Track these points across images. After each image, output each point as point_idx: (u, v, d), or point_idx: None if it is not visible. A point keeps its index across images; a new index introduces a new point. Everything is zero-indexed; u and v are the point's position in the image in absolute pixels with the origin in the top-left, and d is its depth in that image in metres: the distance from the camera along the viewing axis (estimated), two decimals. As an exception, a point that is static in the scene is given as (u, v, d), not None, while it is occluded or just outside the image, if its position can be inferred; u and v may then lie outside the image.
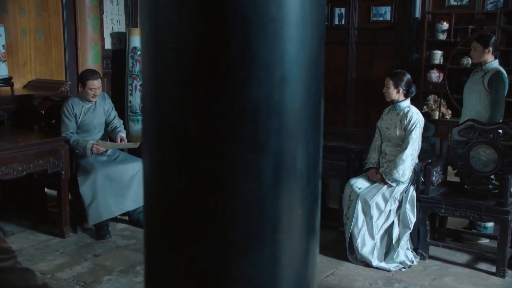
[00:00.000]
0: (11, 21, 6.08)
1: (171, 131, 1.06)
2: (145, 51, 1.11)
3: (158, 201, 1.12)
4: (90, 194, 5.15)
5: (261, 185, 1.05)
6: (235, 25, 1.00)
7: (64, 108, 5.29)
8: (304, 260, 1.16)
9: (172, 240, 1.10)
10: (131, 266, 4.70)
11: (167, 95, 1.06)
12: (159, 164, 1.10)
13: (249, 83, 1.02)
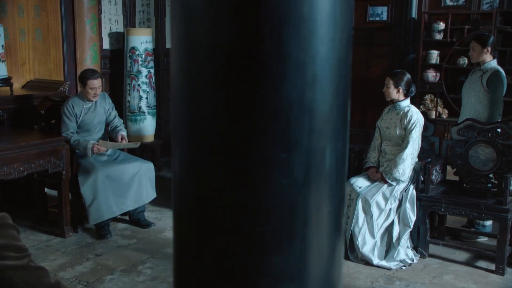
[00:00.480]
0: (10, 21, 6.07)
1: (204, 129, 1.08)
2: (177, 51, 1.13)
3: (189, 197, 1.14)
4: (91, 194, 5.15)
5: (292, 182, 1.08)
6: (269, 24, 1.02)
7: (65, 108, 5.29)
8: (331, 256, 1.18)
9: (204, 236, 1.12)
10: (133, 265, 4.71)
11: (200, 94, 1.08)
12: (190, 162, 1.12)
13: (282, 82, 1.04)
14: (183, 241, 1.19)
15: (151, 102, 7.25)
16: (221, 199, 1.08)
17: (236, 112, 1.05)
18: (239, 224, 1.09)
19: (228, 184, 1.07)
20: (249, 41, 1.04)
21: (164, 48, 8.03)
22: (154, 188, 5.55)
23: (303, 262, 1.12)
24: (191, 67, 1.09)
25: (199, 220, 1.13)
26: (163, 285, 4.38)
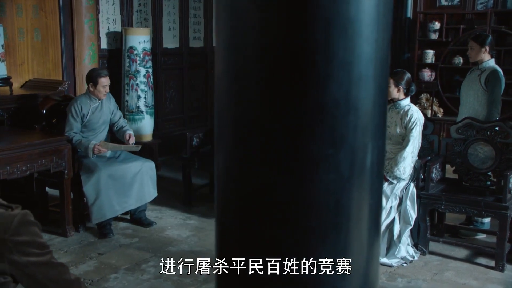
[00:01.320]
0: (9, 21, 6.07)
1: (253, 126, 1.12)
2: (224, 52, 1.16)
3: (236, 193, 1.18)
4: (94, 193, 5.17)
5: (338, 177, 1.12)
6: (318, 25, 1.06)
7: (72, 108, 5.29)
8: (371, 249, 1.22)
9: (251, 230, 1.16)
10: (136, 264, 4.73)
11: (249, 93, 1.12)
12: (237, 158, 1.16)
13: (329, 81, 1.08)
14: (227, 236, 1.22)
15: (149, 102, 7.27)
16: (270, 194, 1.12)
17: (285, 110, 1.09)
18: (287, 218, 1.13)
19: (277, 179, 1.11)
20: (297, 41, 1.08)
21: (162, 47, 8.06)
22: (155, 187, 5.58)
23: (347, 254, 1.16)
24: (240, 68, 1.13)
25: (246, 214, 1.17)
26: (167, 283, 4.41)
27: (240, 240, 1.18)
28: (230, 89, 1.14)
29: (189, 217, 5.90)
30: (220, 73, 1.18)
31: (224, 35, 1.16)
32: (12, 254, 2.03)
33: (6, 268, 2.03)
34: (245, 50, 1.11)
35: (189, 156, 6.19)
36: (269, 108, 1.10)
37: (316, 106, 1.09)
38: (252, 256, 1.16)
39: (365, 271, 1.20)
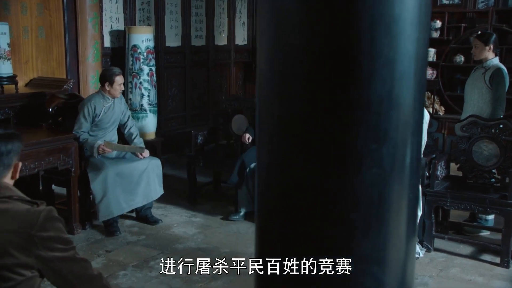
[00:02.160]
0: (13, 19, 6.08)
1: (298, 123, 1.15)
2: (268, 50, 1.20)
3: (280, 186, 1.21)
4: (101, 191, 5.19)
5: (381, 171, 1.15)
6: (363, 25, 1.10)
7: (85, 107, 5.31)
8: (409, 241, 1.26)
9: (295, 223, 1.19)
10: (144, 261, 4.76)
11: (294, 90, 1.15)
12: (283, 153, 1.19)
13: (373, 78, 1.12)
14: (270, 228, 1.25)
15: (153, 100, 7.29)
16: (314, 189, 1.16)
17: (330, 107, 1.13)
18: (331, 211, 1.16)
19: (322, 173, 1.15)
20: (343, 40, 1.11)
21: (164, 46, 8.08)
22: (161, 185, 5.61)
23: (387, 247, 1.19)
24: (285, 65, 1.16)
25: (289, 208, 1.20)
26: (176, 280, 4.44)
27: (283, 234, 1.21)
28: (276, 87, 1.18)
29: (194, 215, 5.93)
30: (263, 72, 1.21)
31: (268, 35, 1.19)
32: (39, 249, 2.06)
33: (34, 262, 2.06)
34: (291, 50, 1.15)
35: (193, 154, 6.21)
36: (315, 105, 1.13)
37: (361, 103, 1.12)
38: (294, 251, 1.19)
39: (404, 262, 1.24)
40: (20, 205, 2.12)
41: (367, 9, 1.09)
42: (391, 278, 1.21)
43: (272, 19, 1.18)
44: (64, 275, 2.17)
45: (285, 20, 1.15)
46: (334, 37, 1.11)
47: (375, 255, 1.17)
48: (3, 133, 2.17)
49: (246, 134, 5.87)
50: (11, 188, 2.18)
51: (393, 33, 1.11)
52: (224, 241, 5.25)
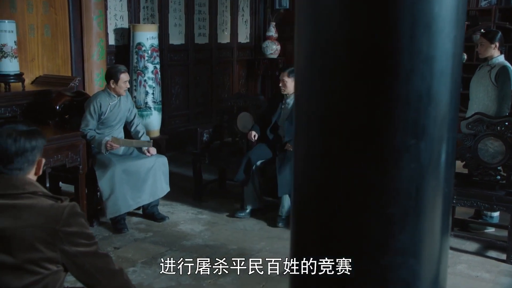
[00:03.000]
0: (20, 18, 6.10)
1: (339, 118, 1.18)
2: (307, 50, 1.22)
3: (318, 180, 1.24)
4: (109, 188, 5.22)
5: (419, 166, 1.18)
6: (404, 22, 1.13)
7: (91, 105, 5.34)
8: (443, 234, 1.29)
9: (333, 216, 1.22)
10: (153, 258, 4.79)
11: (335, 87, 1.18)
12: (322, 148, 1.22)
13: (413, 75, 1.15)
14: (307, 222, 1.28)
15: (157, 98, 7.31)
16: (354, 182, 1.18)
17: (371, 103, 1.16)
18: (371, 205, 1.19)
19: (361, 168, 1.18)
20: (383, 37, 1.14)
21: (168, 43, 8.10)
22: (168, 182, 5.63)
23: (423, 240, 1.22)
24: (327, 63, 1.19)
25: (329, 200, 1.23)
26: (185, 276, 4.46)
27: (321, 227, 1.24)
28: (315, 84, 1.20)
29: (200, 212, 5.95)
30: (302, 69, 1.24)
31: (308, 33, 1.22)
32: (63, 244, 2.09)
33: (58, 257, 2.09)
34: (331, 47, 1.17)
35: (199, 152, 6.24)
36: (355, 101, 1.16)
37: (401, 99, 1.15)
38: (332, 244, 1.22)
39: (438, 254, 1.27)
40: (44, 201, 2.14)
41: (408, 8, 1.12)
42: (426, 270, 1.24)
43: (311, 17, 1.21)
44: (87, 270, 2.21)
45: (325, 18, 1.18)
46: (374, 35, 1.14)
47: (412, 248, 1.20)
48: (27, 130, 2.20)
49: (252, 131, 5.89)
50: (35, 184, 2.21)
51: (432, 31, 1.14)
52: (231, 238, 5.28)
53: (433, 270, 1.26)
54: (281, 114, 5.85)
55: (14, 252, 2.04)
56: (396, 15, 1.11)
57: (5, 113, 5.54)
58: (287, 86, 5.70)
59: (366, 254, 1.20)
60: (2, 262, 2.04)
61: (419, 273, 1.23)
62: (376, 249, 1.19)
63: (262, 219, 5.74)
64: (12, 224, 2.05)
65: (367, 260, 1.20)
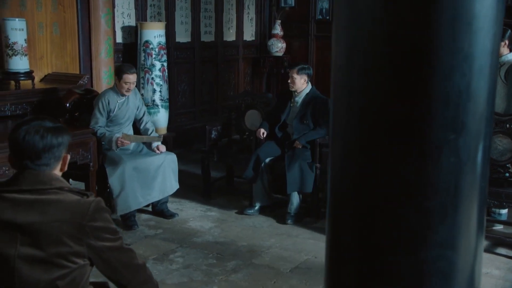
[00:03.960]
0: (29, 16, 6.11)
1: (379, 114, 1.21)
2: (346, 47, 1.25)
3: (357, 176, 1.27)
4: (119, 185, 5.25)
5: (458, 161, 1.21)
6: (445, 20, 1.15)
7: (100, 102, 5.37)
8: (479, 227, 1.32)
9: (373, 210, 1.25)
10: (164, 254, 4.82)
11: (376, 84, 1.21)
12: (361, 143, 1.25)
13: (454, 72, 1.18)
14: (347, 216, 1.31)
15: (164, 95, 7.34)
16: (395, 177, 1.21)
17: (412, 99, 1.19)
18: (410, 199, 1.22)
19: (402, 162, 1.21)
20: (425, 35, 1.17)
21: (174, 41, 8.12)
22: (177, 180, 5.66)
23: (461, 233, 1.25)
24: (367, 60, 1.22)
25: (369, 195, 1.26)
26: (197, 272, 4.50)
27: (359, 220, 1.27)
28: (356, 81, 1.23)
29: (209, 209, 5.98)
30: (341, 67, 1.26)
31: (347, 32, 1.25)
32: (89, 239, 2.12)
33: (85, 251, 2.13)
34: (372, 45, 1.20)
35: (207, 149, 6.27)
36: (396, 99, 1.19)
37: (441, 96, 1.18)
38: (370, 237, 1.25)
39: (475, 247, 1.30)
40: (71, 196, 2.18)
41: (450, 6, 1.14)
42: (463, 262, 1.27)
43: (351, 15, 1.23)
44: (112, 264, 2.24)
45: (365, 15, 1.20)
46: (416, 32, 1.16)
47: (450, 240, 1.23)
48: (54, 127, 2.23)
49: (260, 129, 5.92)
50: (61, 179, 2.24)
51: (473, 29, 1.17)
52: (241, 235, 5.31)
53: (470, 262, 1.29)
54: (290, 112, 5.88)
55: (43, 246, 2.07)
56: (438, 13, 1.14)
57: (15, 110, 5.56)
58: (295, 83, 5.73)
59: (406, 247, 1.23)
60: (32, 255, 2.07)
61: (457, 265, 1.26)
62: (416, 242, 1.22)
63: (270, 216, 5.78)
64: (40, 218, 2.08)
65: (407, 253, 1.23)
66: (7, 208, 2.10)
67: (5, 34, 5.57)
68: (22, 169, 2.17)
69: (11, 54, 5.58)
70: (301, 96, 5.80)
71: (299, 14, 9.34)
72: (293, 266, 4.65)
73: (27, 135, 2.15)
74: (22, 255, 2.07)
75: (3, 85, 5.74)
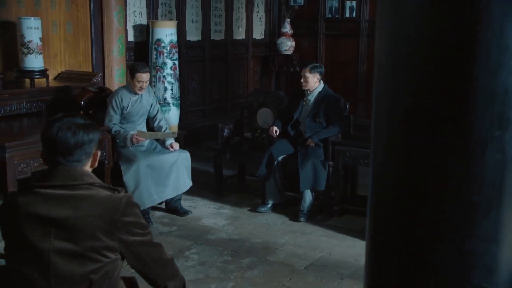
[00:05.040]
0: (43, 14, 6.17)
1: (425, 112, 1.24)
2: (389, 47, 1.28)
3: (402, 172, 1.30)
4: (133, 182, 5.29)
5: (503, 157, 1.24)
6: (494, 17, 1.18)
7: (113, 100, 5.41)
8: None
9: (419, 205, 1.28)
10: (179, 251, 4.86)
11: (423, 82, 1.24)
12: (406, 141, 1.28)
13: (501, 70, 1.20)
14: (390, 211, 1.34)
15: (176, 94, 7.38)
16: (440, 172, 1.24)
17: (458, 96, 1.21)
18: (455, 193, 1.25)
19: (447, 158, 1.23)
20: (472, 32, 1.20)
21: (185, 40, 8.16)
22: (190, 177, 5.70)
23: (505, 228, 1.28)
24: (413, 58, 1.25)
25: (414, 190, 1.29)
26: (212, 269, 4.53)
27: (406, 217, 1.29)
28: (400, 79, 1.26)
29: (222, 207, 6.02)
30: (384, 66, 1.29)
31: (392, 30, 1.27)
32: (121, 233, 2.16)
33: (117, 245, 2.16)
34: (418, 42, 1.23)
35: (220, 147, 6.30)
36: (442, 95, 1.22)
37: (487, 93, 1.21)
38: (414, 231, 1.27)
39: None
40: (102, 192, 2.21)
41: (498, 3, 1.17)
42: (507, 257, 1.30)
43: (396, 12, 1.26)
44: (142, 258, 2.28)
45: (411, 13, 1.23)
46: (463, 29, 1.19)
47: (495, 235, 1.26)
48: (85, 123, 2.26)
49: (273, 127, 5.96)
50: (92, 175, 2.27)
51: (522, 28, 1.19)
52: (254, 232, 5.35)
53: (512, 257, 1.32)
54: (302, 110, 5.91)
55: (77, 240, 2.11)
56: (486, 10, 1.17)
57: (31, 108, 5.62)
58: (308, 82, 5.76)
59: (451, 241, 1.25)
60: (67, 249, 2.11)
61: (501, 259, 1.29)
62: (460, 236, 1.25)
63: (283, 214, 5.81)
64: (74, 213, 2.12)
65: (452, 247, 1.25)
66: (41, 202, 2.13)
67: (21, 32, 5.62)
68: (54, 165, 2.20)
69: (26, 52, 5.64)
70: (313, 94, 5.83)
71: (308, 13, 9.36)
72: (308, 263, 4.68)
73: (60, 131, 2.19)
74: (56, 248, 2.11)
75: (18, 83, 5.79)
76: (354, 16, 8.91)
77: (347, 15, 8.97)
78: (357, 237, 5.21)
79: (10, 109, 5.39)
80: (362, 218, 5.51)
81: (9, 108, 5.38)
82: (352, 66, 9.04)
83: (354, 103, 8.99)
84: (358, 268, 4.56)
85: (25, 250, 2.14)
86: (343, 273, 4.48)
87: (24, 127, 5.48)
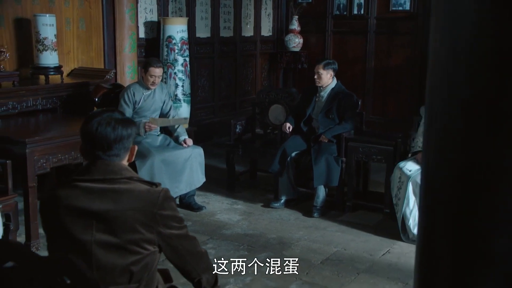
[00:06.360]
0: (57, 11, 6.20)
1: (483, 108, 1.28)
2: (448, 40, 1.33)
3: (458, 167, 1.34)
4: (148, 178, 5.30)
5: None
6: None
7: (125, 94, 5.46)
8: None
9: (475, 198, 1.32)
10: (196, 246, 4.90)
11: (480, 77, 1.28)
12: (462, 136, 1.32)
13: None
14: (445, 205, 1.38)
15: (186, 90, 7.42)
16: (496, 166, 1.29)
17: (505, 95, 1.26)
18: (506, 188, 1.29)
19: (504, 153, 1.28)
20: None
21: (195, 36, 8.19)
22: (203, 173, 5.74)
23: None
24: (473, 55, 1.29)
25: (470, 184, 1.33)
26: (229, 264, 4.57)
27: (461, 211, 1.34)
28: (458, 77, 1.30)
29: (235, 202, 6.07)
30: (439, 61, 1.34)
31: (447, 25, 1.32)
32: (159, 226, 2.21)
33: (155, 238, 2.22)
34: (476, 38, 1.27)
35: (232, 143, 6.35)
36: (499, 90, 1.26)
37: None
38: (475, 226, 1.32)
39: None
40: (140, 186, 2.26)
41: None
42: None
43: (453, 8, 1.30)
44: (179, 251, 2.33)
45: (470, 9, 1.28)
46: None
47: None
48: (123, 119, 2.31)
49: (286, 123, 6.00)
50: (130, 169, 2.32)
51: None
52: (269, 227, 5.40)
53: None
54: (315, 106, 5.95)
55: (118, 232, 2.15)
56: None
57: (46, 104, 5.66)
58: (321, 78, 5.81)
59: (506, 231, 1.30)
60: (108, 242, 2.15)
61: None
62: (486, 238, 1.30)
63: (296, 209, 5.86)
64: (114, 206, 2.16)
65: (507, 236, 1.30)
66: (81, 196, 2.18)
67: (36, 29, 5.66)
68: (94, 159, 2.25)
69: (41, 49, 5.67)
70: (326, 91, 5.87)
71: (316, 10, 9.39)
72: (324, 257, 4.72)
73: (100, 126, 2.23)
74: (97, 241, 2.16)
75: (33, 80, 5.83)
76: (362, 13, 8.94)
77: (355, 12, 9.00)
78: (371, 232, 5.27)
79: (26, 105, 5.43)
80: (375, 214, 5.61)
81: (25, 104, 5.42)
82: (360, 63, 9.08)
83: (362, 100, 9.04)
84: (374, 263, 4.62)
85: (67, 242, 2.19)
86: (359, 268, 4.53)
87: (40, 123, 5.52)
